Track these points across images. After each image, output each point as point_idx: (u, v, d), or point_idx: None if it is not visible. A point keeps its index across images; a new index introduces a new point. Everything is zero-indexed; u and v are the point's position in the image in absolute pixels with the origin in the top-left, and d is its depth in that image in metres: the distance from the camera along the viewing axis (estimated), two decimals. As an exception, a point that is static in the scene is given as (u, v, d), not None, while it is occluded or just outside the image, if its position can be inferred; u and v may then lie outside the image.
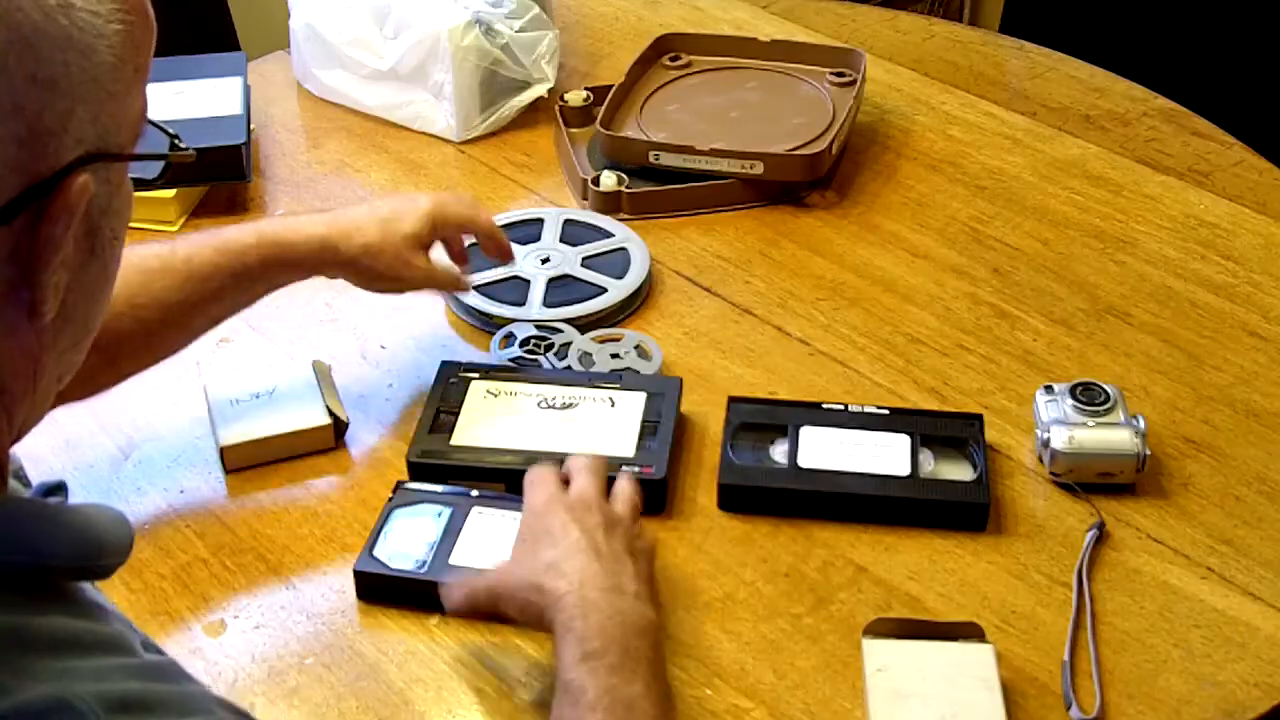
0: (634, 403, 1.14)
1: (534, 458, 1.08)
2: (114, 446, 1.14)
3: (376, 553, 1.02)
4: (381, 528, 1.03)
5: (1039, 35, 1.75)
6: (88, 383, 1.01)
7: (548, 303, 1.27)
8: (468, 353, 1.24)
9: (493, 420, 1.12)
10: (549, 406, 1.13)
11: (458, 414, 1.13)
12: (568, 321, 1.25)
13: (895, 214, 1.42)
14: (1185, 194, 1.44)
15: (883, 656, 0.94)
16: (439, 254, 1.19)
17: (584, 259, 1.32)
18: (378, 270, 1.12)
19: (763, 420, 1.13)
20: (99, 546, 0.66)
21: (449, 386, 1.16)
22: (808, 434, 1.10)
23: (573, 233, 1.36)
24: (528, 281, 1.30)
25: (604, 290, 1.28)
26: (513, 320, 1.25)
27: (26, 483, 0.75)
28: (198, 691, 0.66)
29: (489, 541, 1.02)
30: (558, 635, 0.86)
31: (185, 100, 1.46)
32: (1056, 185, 1.45)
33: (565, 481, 0.96)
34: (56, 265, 0.60)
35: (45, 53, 0.58)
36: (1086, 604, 1.00)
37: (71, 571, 0.65)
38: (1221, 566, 1.03)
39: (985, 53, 1.70)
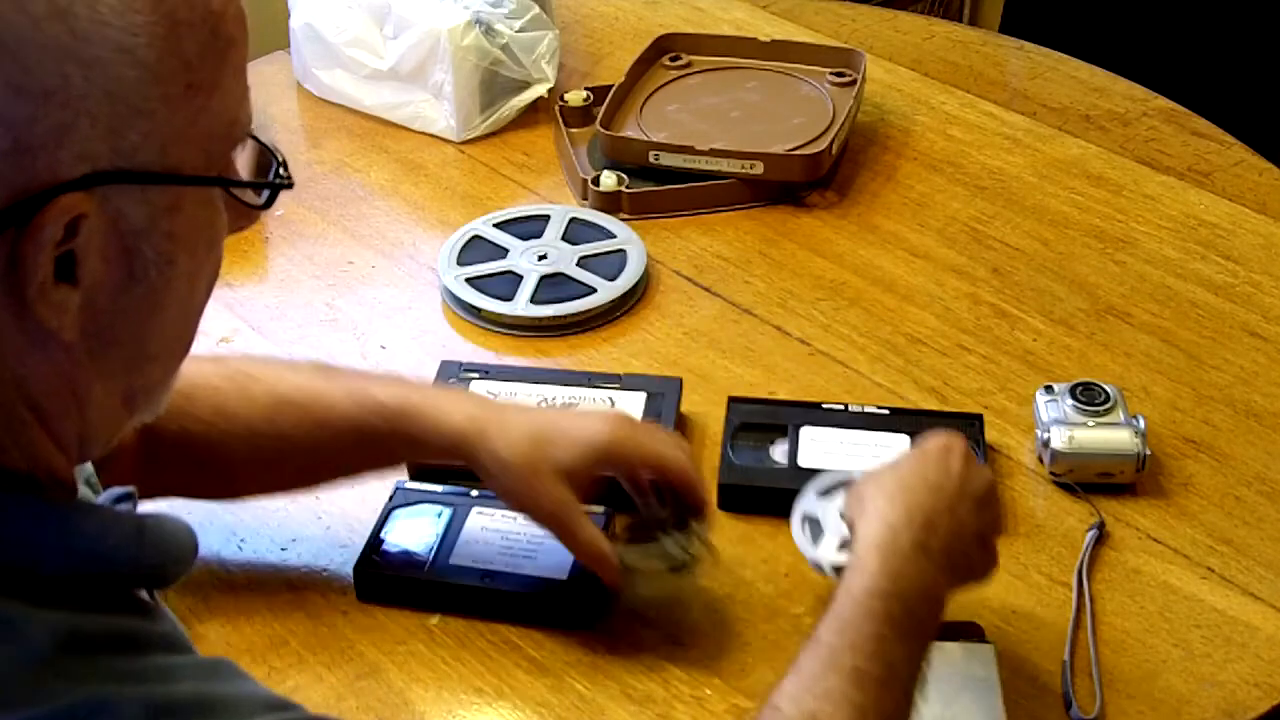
0: (634, 403, 1.13)
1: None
2: (114, 446, 1.14)
3: (375, 553, 1.02)
4: (381, 528, 1.03)
5: (1039, 35, 1.75)
6: (201, 488, 1.00)
7: (536, 299, 1.27)
8: (468, 353, 1.24)
9: (493, 420, 1.12)
10: (549, 406, 1.13)
11: (458, 414, 1.13)
12: (553, 321, 1.25)
13: (895, 214, 1.42)
14: (1185, 194, 1.44)
15: None
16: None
17: (581, 258, 1.32)
18: (505, 490, 0.95)
19: (763, 420, 1.13)
20: (162, 555, 0.66)
21: (449, 387, 1.16)
22: (808, 434, 1.10)
23: (576, 231, 1.36)
24: (520, 277, 1.30)
25: (593, 290, 1.28)
26: (499, 315, 1.25)
27: (96, 490, 0.76)
28: (252, 691, 0.65)
29: (489, 541, 1.02)
30: (855, 556, 0.84)
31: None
32: (1056, 185, 1.45)
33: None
34: (39, 284, 0.58)
35: (33, 62, 0.56)
36: (1086, 604, 1.00)
37: (133, 579, 0.65)
38: (1221, 566, 1.03)
39: (985, 53, 1.70)
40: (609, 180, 1.42)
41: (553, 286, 1.29)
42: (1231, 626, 0.99)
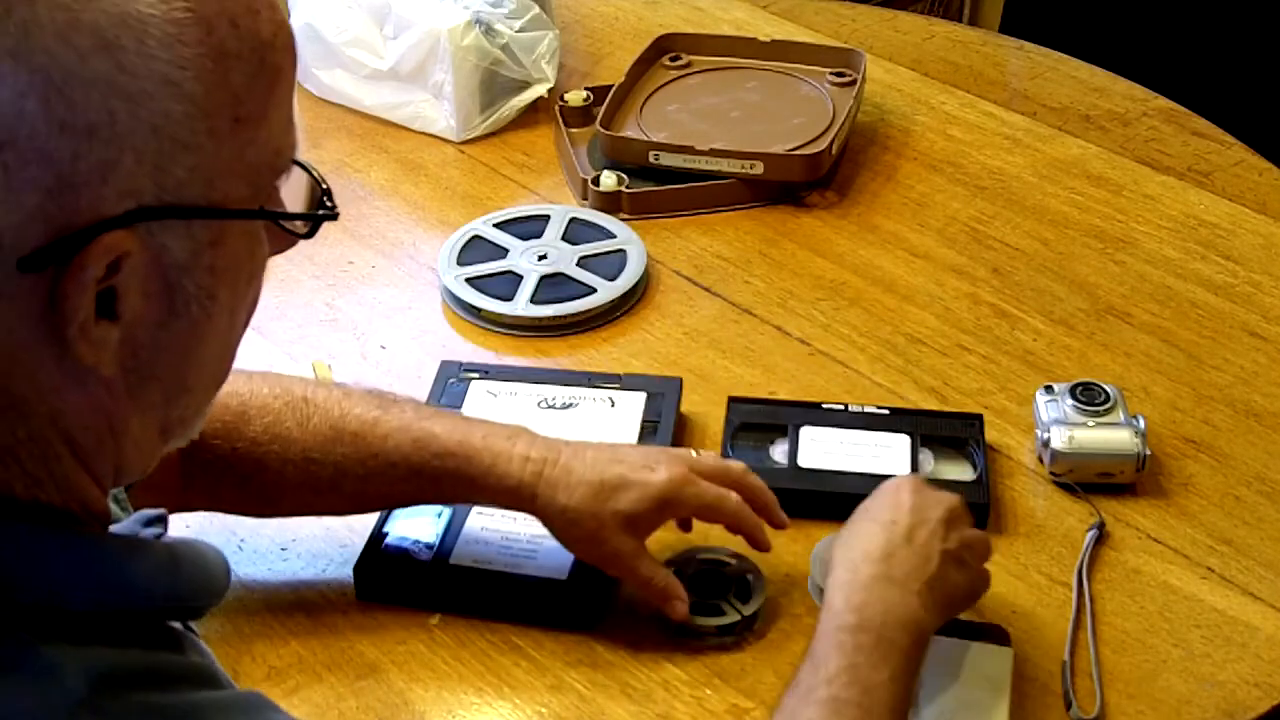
0: (634, 403, 1.13)
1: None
2: (114, 446, 1.14)
3: (376, 552, 1.01)
4: (382, 527, 1.03)
5: (1039, 35, 1.75)
6: (243, 505, 1.00)
7: (536, 299, 1.27)
8: (468, 353, 1.24)
9: (493, 420, 1.12)
10: (549, 406, 1.13)
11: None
12: (553, 321, 1.25)
13: (895, 214, 1.42)
14: (1185, 194, 1.44)
15: None
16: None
17: (580, 258, 1.32)
18: (569, 539, 0.96)
19: (763, 420, 1.13)
20: (193, 588, 0.66)
21: (449, 386, 1.16)
22: (808, 434, 1.10)
23: (576, 231, 1.36)
24: (520, 277, 1.30)
25: (593, 290, 1.28)
26: (499, 315, 1.25)
27: (126, 509, 0.75)
28: None
29: (489, 541, 1.02)
30: (824, 601, 0.87)
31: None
32: (1056, 185, 1.45)
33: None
34: (79, 323, 0.57)
35: (79, 98, 0.54)
36: (1086, 604, 1.00)
37: (167, 612, 0.64)
38: (1221, 566, 1.03)
39: (985, 53, 1.70)
40: (609, 180, 1.42)
41: (553, 286, 1.29)
42: (1231, 626, 0.99)
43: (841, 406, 1.14)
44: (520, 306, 1.26)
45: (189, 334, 0.62)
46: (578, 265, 1.31)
